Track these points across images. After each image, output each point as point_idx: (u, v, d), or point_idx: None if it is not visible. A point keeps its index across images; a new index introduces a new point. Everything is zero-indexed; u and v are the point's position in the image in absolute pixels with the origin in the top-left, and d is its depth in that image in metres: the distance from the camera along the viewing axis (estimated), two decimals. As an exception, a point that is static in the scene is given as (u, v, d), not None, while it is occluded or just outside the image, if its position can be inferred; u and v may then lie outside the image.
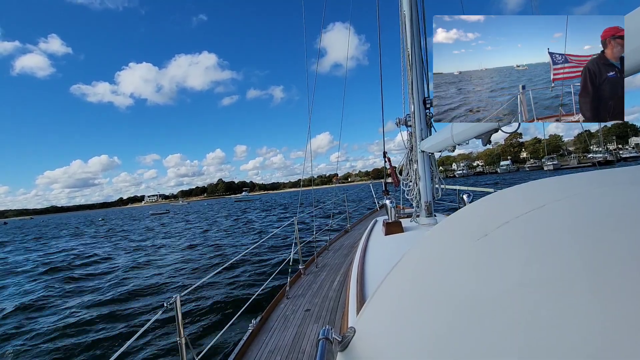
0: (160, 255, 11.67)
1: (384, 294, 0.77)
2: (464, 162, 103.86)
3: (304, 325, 2.74)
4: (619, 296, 0.34)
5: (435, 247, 0.76)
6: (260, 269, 7.92)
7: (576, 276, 0.40)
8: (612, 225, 0.46)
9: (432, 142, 2.96)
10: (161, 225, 29.03)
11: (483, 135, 1.77)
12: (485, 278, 0.51)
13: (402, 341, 0.56)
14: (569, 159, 76.99)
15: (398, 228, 3.23)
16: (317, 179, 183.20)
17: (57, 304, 6.99)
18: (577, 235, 0.47)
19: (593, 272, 0.39)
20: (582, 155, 74.78)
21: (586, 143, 76.08)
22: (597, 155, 61.69)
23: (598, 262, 0.40)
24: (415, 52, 3.38)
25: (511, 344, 0.38)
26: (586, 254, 0.42)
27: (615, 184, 0.60)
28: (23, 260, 14.03)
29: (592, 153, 70.28)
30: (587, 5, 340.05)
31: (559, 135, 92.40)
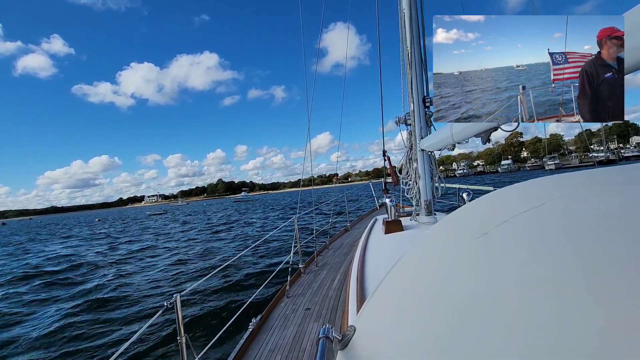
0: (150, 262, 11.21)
1: (384, 292, 0.78)
2: (465, 161, 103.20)
3: (304, 324, 2.75)
4: (617, 295, 0.34)
5: (435, 246, 0.77)
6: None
7: (574, 275, 0.40)
8: (610, 224, 0.46)
9: (431, 141, 2.96)
10: (156, 227, 28.30)
11: (482, 134, 1.78)
12: (485, 277, 0.51)
13: (402, 340, 0.57)
14: (571, 158, 76.24)
15: (398, 227, 3.23)
16: (317, 179, 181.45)
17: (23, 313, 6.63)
18: (574, 234, 0.47)
19: (591, 271, 0.39)
20: (584, 155, 74.02)
21: (587, 142, 75.50)
22: (600, 155, 60.77)
23: (596, 261, 0.40)
24: (414, 51, 3.37)
25: (510, 342, 0.38)
26: (584, 253, 0.43)
27: (613, 183, 0.61)
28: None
29: (594, 152, 69.71)
30: (588, 4, 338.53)
31: (559, 134, 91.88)
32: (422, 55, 3.47)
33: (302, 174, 7.11)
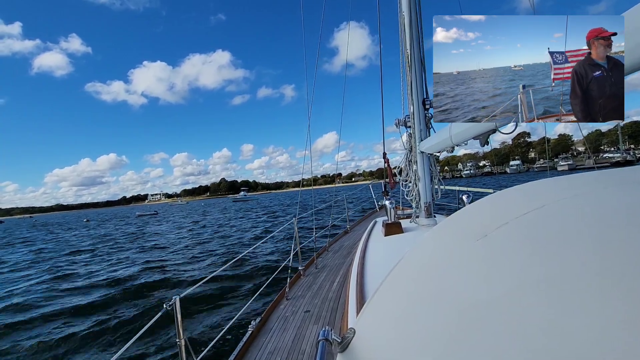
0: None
1: (384, 294, 0.77)
2: (471, 162, 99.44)
3: (304, 327, 2.74)
4: (620, 297, 0.34)
5: (434, 248, 0.76)
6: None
7: (577, 277, 0.39)
8: (612, 226, 0.46)
9: (431, 143, 2.96)
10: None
11: (481, 136, 1.78)
12: (485, 279, 0.50)
13: (402, 342, 0.56)
14: (584, 158, 70.99)
15: (398, 229, 3.23)
16: (320, 178, 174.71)
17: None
18: (576, 236, 0.47)
19: (593, 273, 0.39)
20: (598, 155, 68.96)
21: (598, 143, 73.53)
22: (616, 155, 58.00)
23: (598, 263, 0.40)
24: (414, 52, 3.38)
25: (511, 346, 0.38)
26: (586, 254, 0.42)
27: (614, 184, 0.60)
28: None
29: (607, 153, 66.72)
30: (602, 4, 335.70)
31: (568, 134, 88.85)
32: (421, 58, 3.48)
33: (302, 173, 7.11)
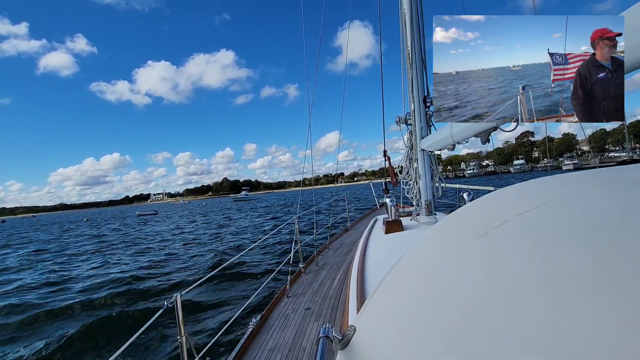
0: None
1: (384, 292, 0.78)
2: (474, 161, 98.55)
3: (304, 324, 2.75)
4: (619, 295, 0.34)
5: (435, 246, 0.77)
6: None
7: (575, 275, 0.40)
8: (612, 224, 0.46)
9: (431, 141, 2.96)
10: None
11: (482, 134, 1.78)
12: (485, 277, 0.51)
13: (402, 339, 0.57)
14: (590, 157, 69.90)
15: (398, 227, 3.24)
16: (322, 178, 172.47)
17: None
18: (576, 234, 0.47)
19: (592, 271, 0.39)
20: (603, 154, 67.88)
21: (602, 142, 72.19)
22: (622, 154, 56.94)
23: (598, 261, 0.40)
24: (415, 50, 3.37)
25: (511, 344, 0.38)
26: (586, 252, 0.42)
27: (614, 183, 0.61)
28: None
29: (613, 152, 65.25)
30: (608, 3, 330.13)
31: (572, 134, 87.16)
32: (422, 55, 3.48)
33: (303, 173, 7.12)
